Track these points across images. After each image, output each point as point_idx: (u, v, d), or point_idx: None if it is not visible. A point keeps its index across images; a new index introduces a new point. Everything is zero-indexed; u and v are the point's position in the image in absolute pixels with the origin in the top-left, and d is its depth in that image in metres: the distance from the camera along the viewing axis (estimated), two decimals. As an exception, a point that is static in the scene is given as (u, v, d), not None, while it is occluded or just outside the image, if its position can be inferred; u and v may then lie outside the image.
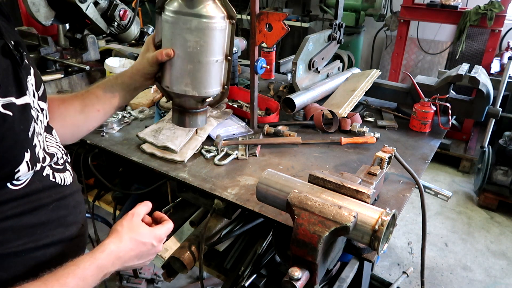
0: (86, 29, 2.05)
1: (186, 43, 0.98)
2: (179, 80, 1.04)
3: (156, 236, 0.88)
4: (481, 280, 2.70)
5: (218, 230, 1.53)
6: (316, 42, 2.02)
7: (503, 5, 3.42)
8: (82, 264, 0.72)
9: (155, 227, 0.90)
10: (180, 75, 1.03)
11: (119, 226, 0.84)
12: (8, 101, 0.67)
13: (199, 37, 0.97)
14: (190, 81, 1.04)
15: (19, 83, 0.72)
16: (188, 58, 1.01)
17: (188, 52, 1.00)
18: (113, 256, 0.78)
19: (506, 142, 3.21)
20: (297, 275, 0.89)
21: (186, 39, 0.98)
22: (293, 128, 1.77)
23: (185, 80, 1.03)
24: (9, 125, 0.67)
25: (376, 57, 5.31)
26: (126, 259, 0.81)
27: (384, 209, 0.89)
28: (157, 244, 0.88)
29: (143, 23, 2.79)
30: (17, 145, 0.70)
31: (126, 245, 0.80)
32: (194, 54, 1.00)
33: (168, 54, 0.99)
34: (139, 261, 0.86)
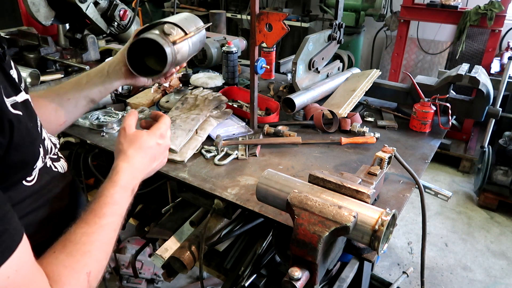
0: (86, 29, 2.05)
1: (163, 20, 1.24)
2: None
3: (156, 134, 0.89)
4: (481, 280, 2.70)
5: (218, 230, 1.53)
6: (316, 42, 2.02)
7: (503, 5, 3.42)
8: (107, 192, 0.75)
9: (152, 128, 0.91)
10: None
11: (119, 145, 0.85)
12: (13, 100, 0.66)
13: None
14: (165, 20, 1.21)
15: (10, 80, 0.71)
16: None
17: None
18: (129, 172, 0.80)
19: (506, 142, 3.21)
20: (297, 275, 0.89)
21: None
22: (293, 128, 1.77)
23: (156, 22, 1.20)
24: (23, 125, 0.67)
25: (376, 57, 5.31)
26: (143, 168, 0.84)
27: (384, 209, 0.89)
28: (162, 141, 0.90)
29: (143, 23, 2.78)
30: (34, 143, 0.71)
31: (134, 157, 0.82)
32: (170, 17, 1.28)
33: None
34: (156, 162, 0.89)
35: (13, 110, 0.65)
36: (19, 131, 0.65)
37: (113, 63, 1.11)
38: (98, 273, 0.70)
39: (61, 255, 0.67)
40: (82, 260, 0.68)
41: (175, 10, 2.67)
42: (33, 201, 0.73)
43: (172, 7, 5.65)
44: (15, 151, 0.64)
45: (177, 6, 5.74)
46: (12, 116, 0.64)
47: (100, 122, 1.70)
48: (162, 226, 1.63)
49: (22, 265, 0.60)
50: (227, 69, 2.11)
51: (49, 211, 0.75)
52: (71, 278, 0.65)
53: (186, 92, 1.85)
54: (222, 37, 2.51)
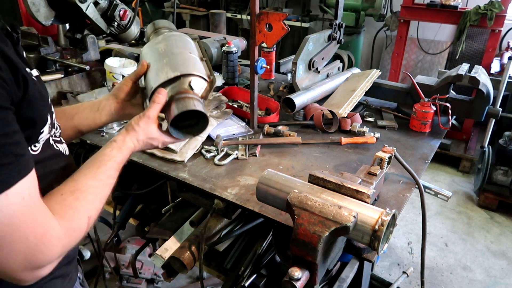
0: (86, 29, 2.05)
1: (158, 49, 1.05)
2: (159, 73, 1.01)
3: (163, 142, 1.02)
4: (481, 280, 2.70)
5: (218, 230, 1.53)
6: (316, 42, 2.02)
7: (503, 5, 3.42)
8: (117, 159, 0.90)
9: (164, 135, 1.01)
10: (160, 68, 1.02)
11: (136, 125, 0.96)
12: (28, 70, 0.73)
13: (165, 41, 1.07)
14: (169, 67, 1.01)
15: (24, 59, 0.78)
16: (162, 56, 1.04)
17: (161, 53, 1.05)
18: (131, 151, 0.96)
19: (506, 142, 3.21)
20: (297, 275, 0.89)
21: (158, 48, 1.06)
22: (293, 128, 1.77)
23: (165, 69, 1.01)
24: (37, 87, 0.74)
25: (376, 57, 5.31)
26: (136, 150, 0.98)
27: (384, 209, 0.89)
28: (161, 146, 1.03)
29: (143, 23, 2.79)
30: (45, 108, 0.79)
31: (140, 144, 0.97)
32: (167, 51, 1.05)
33: (143, 64, 1.07)
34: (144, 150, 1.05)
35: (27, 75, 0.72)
36: (32, 89, 0.72)
37: (106, 100, 1.11)
38: (94, 219, 0.82)
39: (69, 198, 0.77)
40: (86, 205, 0.79)
41: (175, 10, 2.67)
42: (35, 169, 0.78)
43: (172, 7, 5.65)
44: (27, 107, 0.71)
45: (177, 6, 5.74)
46: (27, 74, 0.71)
47: (100, 122, 1.70)
48: (162, 226, 1.63)
49: (31, 192, 0.68)
50: (227, 69, 2.11)
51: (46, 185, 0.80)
52: (75, 217, 0.76)
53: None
54: (222, 37, 2.51)
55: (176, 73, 0.99)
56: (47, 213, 0.71)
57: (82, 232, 0.77)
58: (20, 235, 0.65)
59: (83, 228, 0.77)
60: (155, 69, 1.03)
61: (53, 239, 0.69)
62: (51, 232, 0.69)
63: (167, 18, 6.27)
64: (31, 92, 0.71)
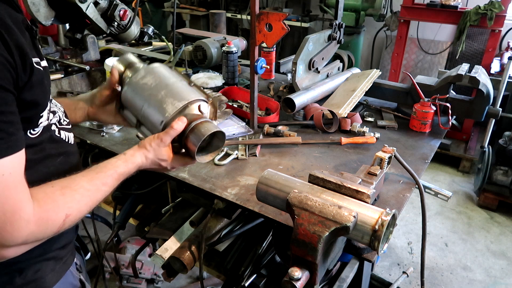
0: (86, 29, 2.05)
1: (148, 84, 1.04)
2: (164, 106, 1.00)
3: (173, 165, 1.03)
4: (481, 280, 2.70)
5: (218, 230, 1.53)
6: (316, 42, 2.02)
7: (503, 5, 3.42)
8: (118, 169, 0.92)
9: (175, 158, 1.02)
10: (162, 101, 1.01)
11: (148, 145, 0.98)
12: (37, 60, 0.78)
13: (151, 74, 1.05)
14: (172, 98, 1.00)
15: (38, 51, 0.83)
16: (157, 89, 1.02)
17: (154, 87, 1.03)
18: (137, 167, 0.97)
19: (506, 142, 3.21)
20: (297, 275, 0.89)
21: (146, 83, 1.04)
22: (293, 128, 1.77)
23: (169, 101, 1.00)
24: (41, 76, 0.79)
25: (376, 57, 5.31)
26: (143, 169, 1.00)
27: (384, 209, 0.89)
28: (170, 169, 1.04)
29: (143, 23, 2.79)
30: (46, 94, 0.83)
31: (148, 161, 0.99)
32: (160, 83, 1.03)
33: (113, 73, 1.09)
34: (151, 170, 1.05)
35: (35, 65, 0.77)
36: (36, 77, 0.76)
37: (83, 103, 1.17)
38: (74, 219, 0.82)
39: (56, 192, 0.79)
40: (69, 203, 0.80)
41: (175, 10, 2.67)
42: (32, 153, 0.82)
43: (172, 7, 5.65)
44: (29, 91, 0.75)
45: (177, 6, 5.74)
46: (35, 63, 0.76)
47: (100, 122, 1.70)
48: (162, 226, 1.63)
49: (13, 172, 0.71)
50: (227, 69, 2.11)
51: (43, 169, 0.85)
52: (52, 209, 0.77)
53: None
54: (222, 37, 2.51)
55: (184, 102, 1.00)
56: (24, 196, 0.73)
57: (54, 226, 0.78)
58: None
59: (57, 223, 0.78)
60: (154, 102, 1.01)
61: (22, 221, 0.71)
62: (21, 214, 0.71)
63: (167, 18, 6.27)
64: (35, 78, 0.76)
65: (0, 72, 0.68)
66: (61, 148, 0.92)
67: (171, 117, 0.99)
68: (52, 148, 0.89)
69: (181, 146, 1.03)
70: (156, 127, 1.01)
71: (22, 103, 0.75)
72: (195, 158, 1.01)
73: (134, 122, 1.09)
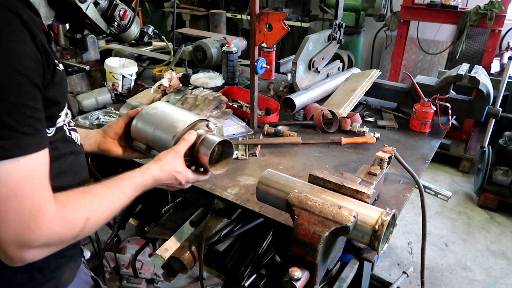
0: (86, 29, 2.05)
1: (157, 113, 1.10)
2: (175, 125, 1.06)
3: (187, 179, 1.03)
4: (481, 280, 2.70)
5: (218, 230, 1.53)
6: (316, 42, 2.02)
7: (503, 5, 3.42)
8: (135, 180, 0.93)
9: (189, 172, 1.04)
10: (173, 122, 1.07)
11: (163, 157, 1.00)
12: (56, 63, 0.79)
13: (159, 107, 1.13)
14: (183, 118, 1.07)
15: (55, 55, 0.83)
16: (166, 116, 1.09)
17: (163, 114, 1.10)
18: (154, 179, 0.97)
19: (506, 142, 3.21)
20: (297, 275, 0.89)
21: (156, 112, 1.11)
22: (293, 128, 1.77)
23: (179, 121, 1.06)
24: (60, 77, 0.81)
25: (376, 57, 5.31)
26: (160, 183, 1.00)
27: (384, 209, 0.89)
28: (184, 183, 1.05)
29: (143, 23, 2.79)
30: (63, 96, 0.85)
31: (164, 174, 0.99)
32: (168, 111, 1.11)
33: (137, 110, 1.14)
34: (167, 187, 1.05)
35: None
36: (58, 77, 0.78)
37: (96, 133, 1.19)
38: (93, 225, 0.82)
39: (77, 194, 0.80)
40: (89, 206, 0.81)
41: (175, 10, 2.67)
42: None
43: (172, 7, 5.65)
44: (52, 89, 0.77)
45: (177, 6, 5.74)
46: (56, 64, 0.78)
47: (100, 122, 1.70)
48: (162, 226, 1.63)
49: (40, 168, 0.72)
50: (227, 69, 2.11)
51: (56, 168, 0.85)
52: (74, 211, 0.78)
53: (186, 92, 1.85)
54: (222, 37, 2.51)
55: (194, 119, 1.07)
56: (48, 195, 0.73)
57: (76, 228, 0.78)
58: (17, 204, 0.68)
59: (78, 225, 0.78)
60: (165, 125, 1.08)
61: (46, 221, 0.71)
62: (45, 213, 0.71)
63: (167, 18, 6.28)
64: (56, 78, 0.78)
65: (32, 68, 0.70)
66: (72, 147, 0.94)
67: (181, 132, 1.03)
68: (64, 147, 0.91)
69: (193, 161, 1.06)
70: (168, 144, 1.05)
71: (45, 101, 0.75)
72: (208, 169, 1.05)
73: (144, 148, 1.13)
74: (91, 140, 1.16)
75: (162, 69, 2.33)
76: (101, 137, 1.17)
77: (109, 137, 1.17)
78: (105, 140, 1.17)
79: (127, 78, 2.06)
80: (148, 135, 1.09)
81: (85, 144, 1.15)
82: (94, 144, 1.17)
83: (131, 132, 1.14)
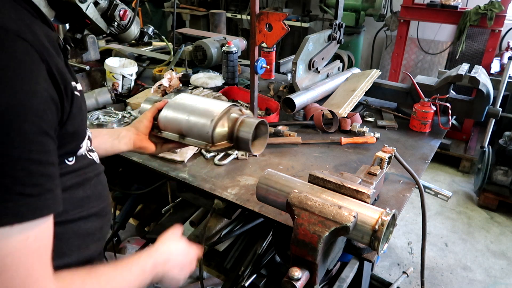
0: (86, 29, 2.05)
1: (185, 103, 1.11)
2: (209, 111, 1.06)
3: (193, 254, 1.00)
4: (481, 280, 2.70)
5: (218, 230, 1.53)
6: (316, 42, 2.02)
7: (503, 5, 3.42)
8: (142, 258, 0.84)
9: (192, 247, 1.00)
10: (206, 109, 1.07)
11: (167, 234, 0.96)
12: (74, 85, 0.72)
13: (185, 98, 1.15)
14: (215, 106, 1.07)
15: (71, 72, 0.77)
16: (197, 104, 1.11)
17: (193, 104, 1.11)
18: (165, 256, 0.89)
19: (506, 142, 3.21)
20: (297, 275, 0.89)
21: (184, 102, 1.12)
22: (293, 128, 1.77)
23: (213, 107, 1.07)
24: (79, 103, 0.72)
25: (376, 57, 5.31)
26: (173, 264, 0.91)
27: (384, 209, 0.89)
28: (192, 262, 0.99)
29: (143, 23, 2.79)
30: (83, 123, 0.78)
31: (174, 249, 0.93)
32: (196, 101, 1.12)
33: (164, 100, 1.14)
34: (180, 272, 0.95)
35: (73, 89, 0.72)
36: (76, 105, 0.70)
37: (127, 131, 1.15)
38: None
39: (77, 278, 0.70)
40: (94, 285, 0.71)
41: (175, 10, 2.67)
42: (70, 178, 0.77)
43: (172, 7, 5.65)
44: (72, 121, 0.69)
45: (177, 6, 5.74)
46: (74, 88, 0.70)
47: (100, 122, 1.70)
48: (162, 226, 1.63)
49: (40, 237, 0.60)
50: (227, 69, 2.11)
51: (81, 194, 0.80)
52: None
53: (186, 92, 1.85)
54: (222, 37, 2.51)
55: (228, 104, 1.08)
56: (47, 272, 0.62)
57: None
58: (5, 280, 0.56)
59: None
60: (198, 111, 1.08)
61: None
62: None
63: (167, 18, 6.28)
64: (75, 107, 0.70)
65: (44, 112, 0.59)
66: (95, 169, 0.88)
67: (218, 116, 1.04)
68: (88, 171, 0.84)
69: (232, 143, 1.07)
70: (205, 128, 1.04)
71: (64, 136, 0.67)
72: (250, 150, 1.05)
73: (176, 136, 1.12)
74: (125, 139, 1.12)
75: (162, 69, 2.33)
76: (134, 135, 1.13)
77: (141, 134, 1.14)
78: (139, 138, 1.14)
79: (127, 78, 2.06)
80: (181, 123, 1.09)
81: (120, 144, 1.11)
82: (129, 143, 1.13)
83: (161, 123, 1.13)
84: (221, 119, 1.04)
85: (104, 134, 1.12)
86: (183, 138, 1.11)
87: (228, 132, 1.05)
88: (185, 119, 1.08)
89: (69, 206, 0.75)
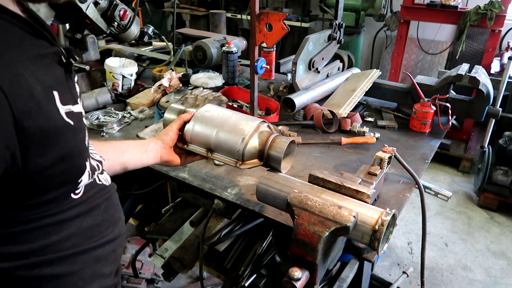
0: (86, 29, 2.05)
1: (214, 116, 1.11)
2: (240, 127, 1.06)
3: None
4: (481, 280, 2.70)
5: (218, 230, 1.53)
6: (316, 42, 2.02)
7: (503, 5, 3.42)
8: None
9: None
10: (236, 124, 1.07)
11: None
12: (68, 109, 0.65)
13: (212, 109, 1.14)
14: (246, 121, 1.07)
15: (71, 91, 0.71)
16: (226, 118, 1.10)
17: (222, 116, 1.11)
18: None
19: (506, 142, 3.21)
20: (297, 275, 0.89)
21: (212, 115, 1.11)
22: (293, 128, 1.77)
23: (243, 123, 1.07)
24: (72, 134, 0.66)
25: (376, 57, 5.31)
26: None
27: (384, 209, 0.89)
28: None
29: (143, 23, 2.79)
30: (80, 156, 0.70)
31: None
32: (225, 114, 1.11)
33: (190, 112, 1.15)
34: None
35: (66, 118, 0.64)
36: (66, 141, 0.63)
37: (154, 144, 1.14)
38: None
39: None
40: None
41: (175, 10, 2.67)
42: (77, 210, 0.75)
43: (172, 7, 5.65)
44: (61, 162, 0.63)
45: (177, 6, 5.74)
46: (61, 121, 0.63)
47: (100, 122, 1.70)
48: (162, 226, 1.64)
49: None
50: (227, 69, 2.11)
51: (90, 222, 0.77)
52: None
53: (186, 92, 1.85)
54: (222, 37, 2.51)
55: (258, 121, 1.08)
56: None
57: None
58: None
59: None
60: (228, 127, 1.07)
61: None
62: None
63: (167, 18, 6.28)
64: (64, 145, 0.63)
65: None
66: (105, 194, 0.85)
67: (250, 135, 1.04)
68: (97, 197, 0.81)
69: (262, 162, 1.07)
70: (236, 146, 1.04)
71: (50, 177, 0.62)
72: (280, 170, 1.06)
73: (204, 151, 1.11)
74: (153, 152, 1.11)
75: (162, 69, 2.33)
76: (162, 148, 1.12)
77: (168, 147, 1.13)
78: (166, 151, 1.13)
79: (127, 78, 2.06)
80: (210, 138, 1.08)
81: (148, 158, 1.10)
82: (157, 156, 1.12)
83: (187, 136, 1.12)
84: (252, 137, 1.04)
85: (132, 147, 1.10)
86: (211, 152, 1.10)
87: (258, 150, 1.05)
88: (214, 134, 1.07)
89: (77, 238, 0.73)
